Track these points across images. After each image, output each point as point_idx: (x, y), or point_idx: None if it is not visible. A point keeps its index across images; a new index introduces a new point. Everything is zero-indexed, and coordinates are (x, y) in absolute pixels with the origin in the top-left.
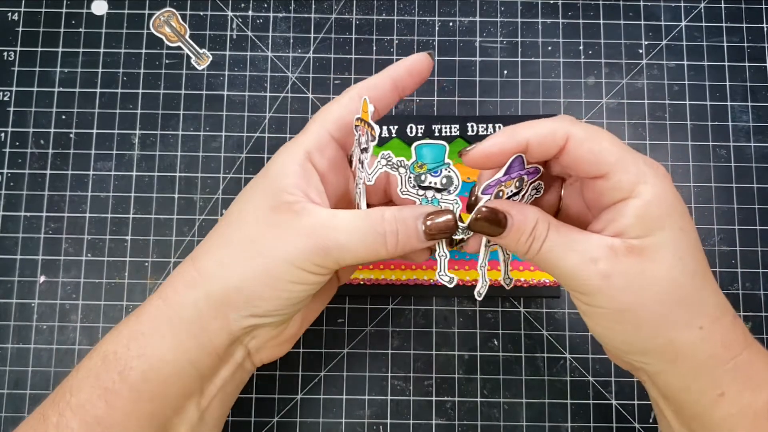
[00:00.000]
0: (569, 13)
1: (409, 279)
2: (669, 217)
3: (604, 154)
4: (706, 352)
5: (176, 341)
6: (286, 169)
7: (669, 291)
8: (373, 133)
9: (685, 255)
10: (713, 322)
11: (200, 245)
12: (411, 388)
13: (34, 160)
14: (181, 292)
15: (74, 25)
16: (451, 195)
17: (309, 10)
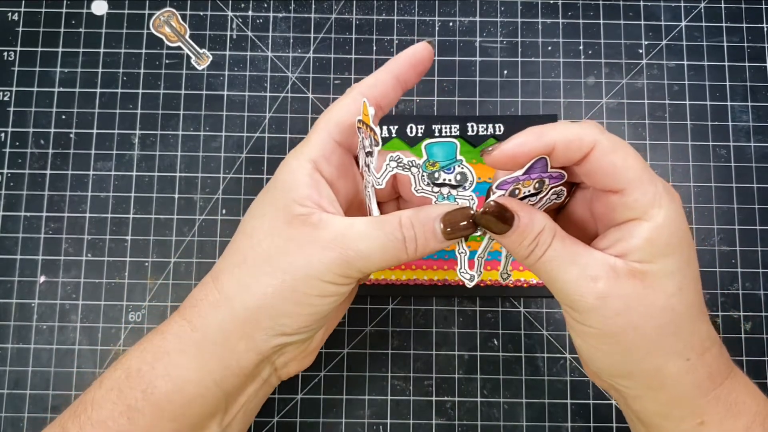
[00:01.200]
0: (569, 13)
1: (409, 279)
2: (677, 247)
3: (625, 169)
4: (691, 383)
5: (202, 362)
6: (297, 181)
7: (665, 320)
8: (376, 138)
9: (685, 286)
10: (701, 354)
11: (219, 261)
12: (411, 388)
13: (34, 160)
14: (205, 314)
15: (74, 25)
16: (467, 191)
17: (309, 10)
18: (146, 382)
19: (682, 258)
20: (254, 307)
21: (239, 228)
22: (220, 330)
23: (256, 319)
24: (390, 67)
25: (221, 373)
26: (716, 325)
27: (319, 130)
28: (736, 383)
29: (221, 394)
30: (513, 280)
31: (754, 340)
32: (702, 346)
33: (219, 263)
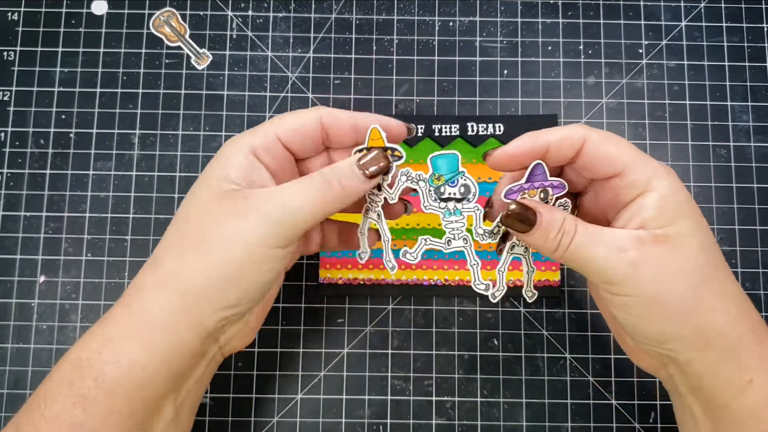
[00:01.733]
0: (569, 13)
1: (409, 279)
2: (689, 210)
3: (620, 154)
4: (735, 337)
5: (147, 345)
6: (231, 161)
7: (697, 278)
8: (398, 153)
9: (707, 246)
10: (740, 309)
11: (158, 245)
12: (411, 388)
13: (34, 159)
14: (146, 297)
15: (74, 24)
16: (470, 203)
17: (309, 10)
18: (96, 370)
19: (696, 220)
20: (193, 283)
21: (178, 209)
22: (160, 311)
23: (196, 296)
24: (360, 116)
25: (168, 354)
26: None
27: (265, 125)
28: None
29: (171, 375)
30: (513, 279)
31: None
32: (737, 302)
33: (157, 248)
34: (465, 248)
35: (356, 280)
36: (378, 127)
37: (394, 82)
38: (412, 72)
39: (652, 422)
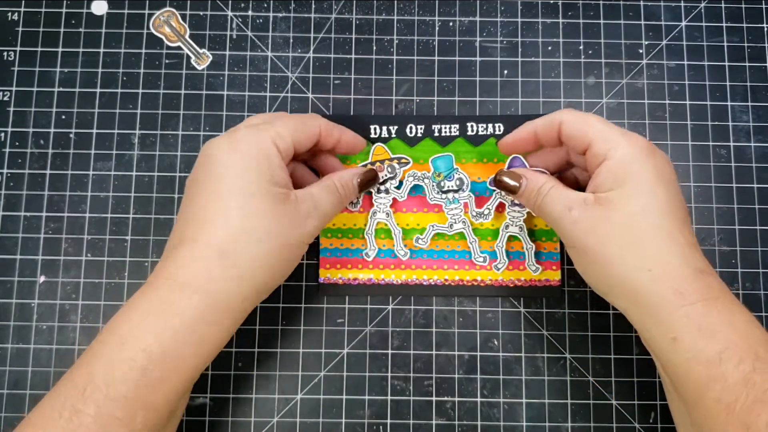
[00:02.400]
0: (569, 13)
1: (409, 279)
2: (638, 176)
3: (587, 130)
4: (656, 295)
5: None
6: (273, 164)
7: (625, 236)
8: (404, 160)
9: (651, 209)
10: (666, 268)
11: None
12: (411, 388)
13: (34, 160)
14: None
15: (74, 25)
16: (465, 192)
17: (309, 10)
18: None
19: (643, 185)
20: (266, 281)
21: (227, 203)
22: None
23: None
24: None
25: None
26: None
27: (276, 123)
28: (716, 309)
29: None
30: (513, 279)
31: None
32: (668, 262)
33: (226, 238)
34: (464, 229)
35: (356, 280)
36: (382, 145)
37: (394, 82)
38: (412, 72)
39: (652, 422)
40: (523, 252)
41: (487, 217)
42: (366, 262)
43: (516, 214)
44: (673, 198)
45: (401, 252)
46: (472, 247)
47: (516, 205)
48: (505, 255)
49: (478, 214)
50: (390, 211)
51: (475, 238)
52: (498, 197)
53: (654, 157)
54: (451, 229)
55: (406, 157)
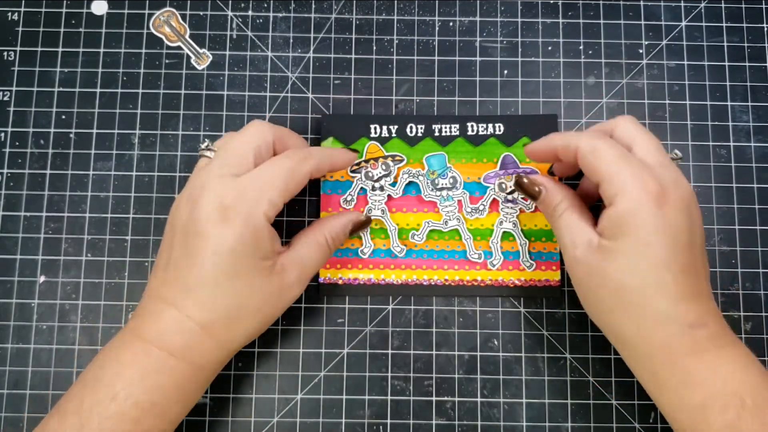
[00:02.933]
0: (569, 13)
1: (409, 279)
2: (634, 229)
3: (598, 167)
4: (643, 349)
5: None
6: (262, 240)
7: (615, 290)
8: (398, 158)
9: (639, 265)
10: (654, 327)
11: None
12: (411, 388)
13: (34, 160)
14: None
15: (74, 25)
16: (458, 190)
17: (309, 10)
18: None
19: (638, 240)
20: (244, 343)
21: (214, 281)
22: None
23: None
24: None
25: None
26: None
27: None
28: (702, 362)
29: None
30: (513, 279)
31: (754, 340)
32: (655, 320)
33: (210, 317)
34: (458, 226)
35: (356, 280)
36: (376, 143)
37: (394, 82)
38: (412, 72)
39: (652, 422)
40: (517, 251)
41: (482, 213)
42: (364, 261)
43: (509, 210)
44: (675, 247)
45: (397, 249)
46: (467, 243)
47: (509, 201)
48: (500, 252)
49: (473, 210)
50: (385, 208)
51: (469, 235)
52: (492, 194)
53: (660, 207)
54: (446, 225)
55: (400, 155)
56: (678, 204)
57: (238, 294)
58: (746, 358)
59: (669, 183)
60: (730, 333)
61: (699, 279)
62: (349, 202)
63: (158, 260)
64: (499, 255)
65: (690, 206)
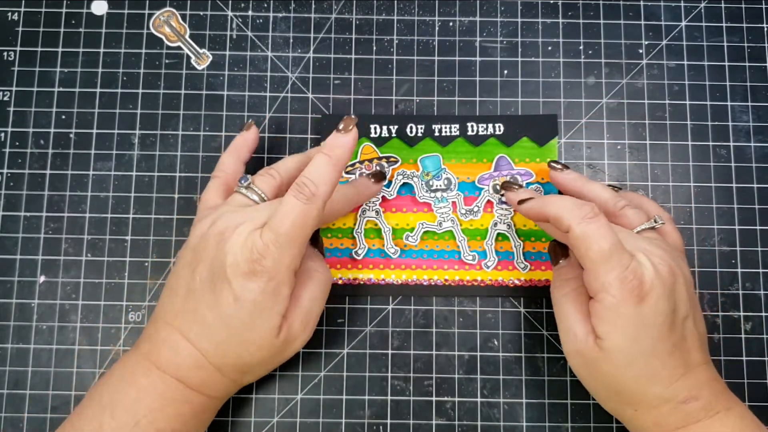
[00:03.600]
0: (569, 13)
1: (409, 279)
2: (621, 327)
3: (585, 256)
4: (638, 425)
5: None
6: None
7: (612, 383)
8: (393, 159)
9: (633, 360)
10: (649, 409)
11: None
12: (411, 388)
13: (34, 160)
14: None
15: (74, 25)
16: (452, 191)
17: (309, 10)
18: None
19: (627, 336)
20: (249, 382)
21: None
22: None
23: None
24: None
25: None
26: (716, 325)
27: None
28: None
29: None
30: (513, 279)
31: (754, 340)
32: (650, 404)
33: (219, 357)
34: (453, 227)
35: (356, 280)
36: (371, 144)
37: (394, 82)
38: (412, 72)
39: None
40: (512, 252)
41: (477, 214)
42: (363, 261)
43: (504, 212)
44: (660, 335)
45: (391, 250)
46: (461, 245)
47: (503, 203)
48: (494, 253)
49: (468, 212)
50: (380, 209)
51: (464, 237)
52: (486, 195)
53: (643, 302)
54: (440, 227)
55: (394, 156)
56: (658, 292)
57: (248, 346)
58: (740, 422)
59: (649, 273)
60: (724, 398)
61: (688, 352)
62: None
63: (176, 282)
64: (493, 256)
65: (671, 290)
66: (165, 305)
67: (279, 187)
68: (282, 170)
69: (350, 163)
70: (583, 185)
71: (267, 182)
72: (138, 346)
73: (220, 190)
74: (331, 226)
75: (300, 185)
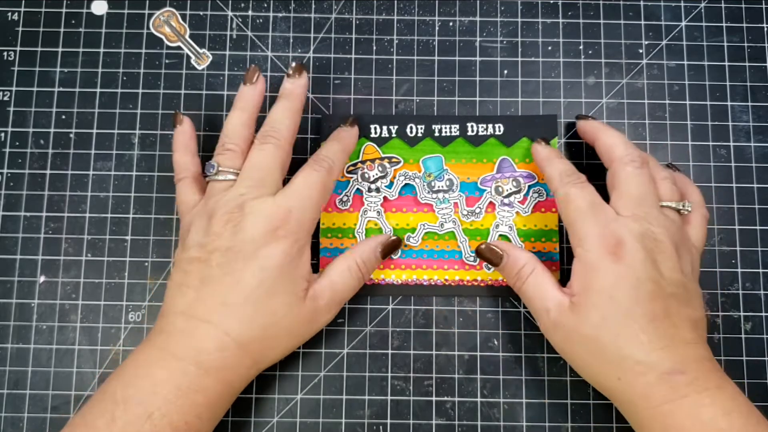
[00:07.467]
0: (569, 13)
1: (409, 279)
2: (597, 281)
3: (565, 216)
4: (626, 398)
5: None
6: (305, 254)
7: (592, 345)
8: (395, 159)
9: (609, 317)
10: (634, 377)
11: (245, 328)
12: (411, 388)
13: (34, 160)
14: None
15: (74, 25)
16: (454, 192)
17: (309, 10)
18: None
19: (602, 292)
20: (269, 365)
21: (254, 298)
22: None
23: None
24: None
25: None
26: (716, 325)
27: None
28: (680, 410)
29: None
30: None
31: (754, 340)
32: (634, 370)
33: (247, 335)
34: (454, 228)
35: None
36: (373, 144)
37: (394, 82)
38: (412, 72)
39: None
40: (506, 235)
41: (479, 216)
42: None
43: (506, 214)
44: (638, 297)
45: None
46: (462, 246)
47: (506, 204)
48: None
49: (470, 213)
50: (381, 209)
51: (465, 238)
52: (489, 197)
53: (620, 259)
54: (442, 228)
55: (396, 156)
56: (637, 255)
57: (276, 313)
58: (731, 402)
59: (627, 234)
60: (715, 376)
61: (674, 327)
62: (344, 202)
63: (184, 277)
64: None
65: (654, 258)
66: (176, 300)
67: (243, 155)
68: (234, 138)
69: (352, 162)
70: (601, 132)
71: (231, 158)
72: (150, 340)
73: (194, 188)
74: (331, 225)
75: (317, 159)
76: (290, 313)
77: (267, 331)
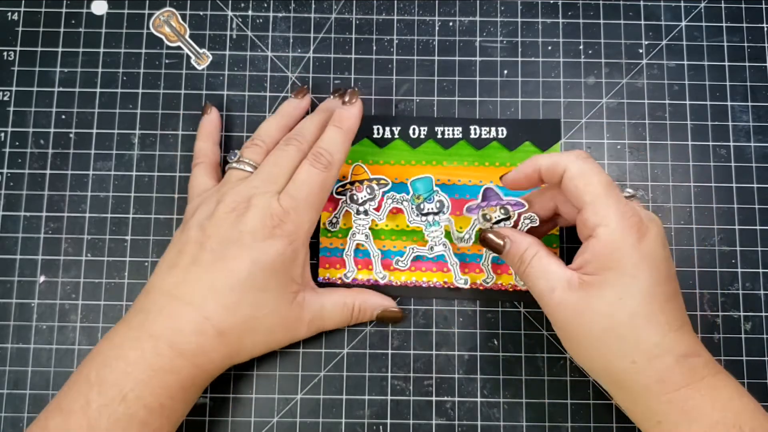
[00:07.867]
0: (569, 13)
1: (408, 281)
2: (618, 261)
3: (584, 192)
4: (640, 384)
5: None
6: (300, 255)
7: (606, 325)
8: (383, 181)
9: (626, 297)
10: (649, 360)
11: (226, 320)
12: (411, 388)
13: (34, 160)
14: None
15: (74, 25)
16: (445, 215)
17: (309, 10)
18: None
19: (624, 272)
20: (247, 358)
21: (241, 290)
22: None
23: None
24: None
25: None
26: (716, 325)
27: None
28: (699, 392)
29: None
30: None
31: (754, 340)
32: (650, 353)
33: (229, 323)
34: (445, 252)
35: (356, 281)
36: (361, 165)
37: (394, 82)
38: (412, 72)
39: None
40: (510, 271)
41: (468, 242)
42: (363, 261)
43: None
44: (659, 278)
45: (380, 275)
46: (453, 269)
47: (499, 221)
48: (491, 271)
49: (459, 239)
50: (369, 233)
51: (456, 261)
52: (476, 223)
53: (643, 239)
54: (432, 251)
55: (385, 178)
56: (656, 236)
57: (260, 306)
58: (738, 385)
59: (644, 215)
60: (716, 362)
61: (682, 310)
62: (334, 224)
63: (177, 257)
64: (491, 275)
65: (664, 239)
66: (163, 277)
67: (266, 153)
68: (265, 137)
69: (341, 183)
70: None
71: (255, 152)
72: (126, 320)
73: (209, 174)
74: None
75: (317, 155)
76: (274, 312)
77: (247, 323)
